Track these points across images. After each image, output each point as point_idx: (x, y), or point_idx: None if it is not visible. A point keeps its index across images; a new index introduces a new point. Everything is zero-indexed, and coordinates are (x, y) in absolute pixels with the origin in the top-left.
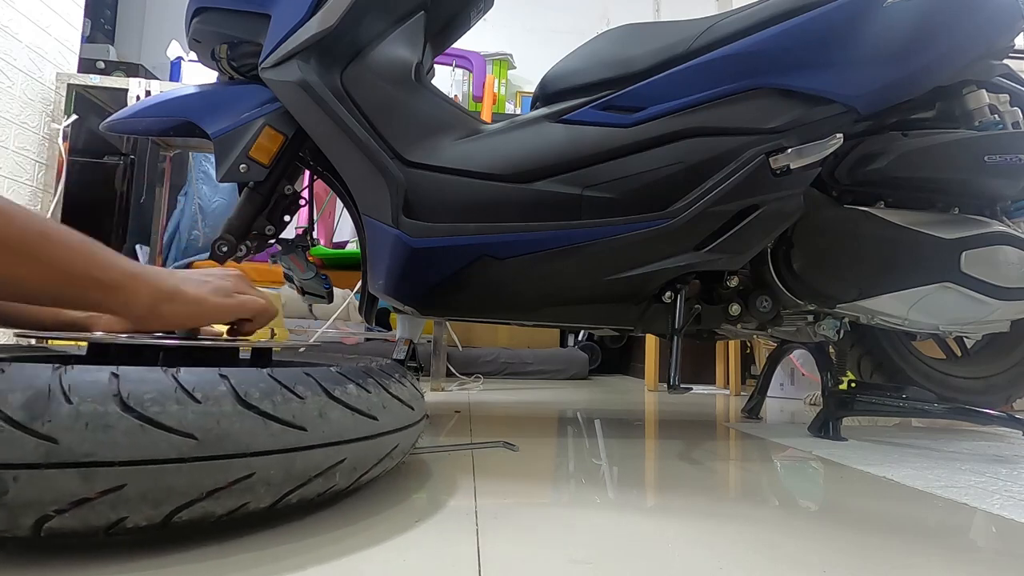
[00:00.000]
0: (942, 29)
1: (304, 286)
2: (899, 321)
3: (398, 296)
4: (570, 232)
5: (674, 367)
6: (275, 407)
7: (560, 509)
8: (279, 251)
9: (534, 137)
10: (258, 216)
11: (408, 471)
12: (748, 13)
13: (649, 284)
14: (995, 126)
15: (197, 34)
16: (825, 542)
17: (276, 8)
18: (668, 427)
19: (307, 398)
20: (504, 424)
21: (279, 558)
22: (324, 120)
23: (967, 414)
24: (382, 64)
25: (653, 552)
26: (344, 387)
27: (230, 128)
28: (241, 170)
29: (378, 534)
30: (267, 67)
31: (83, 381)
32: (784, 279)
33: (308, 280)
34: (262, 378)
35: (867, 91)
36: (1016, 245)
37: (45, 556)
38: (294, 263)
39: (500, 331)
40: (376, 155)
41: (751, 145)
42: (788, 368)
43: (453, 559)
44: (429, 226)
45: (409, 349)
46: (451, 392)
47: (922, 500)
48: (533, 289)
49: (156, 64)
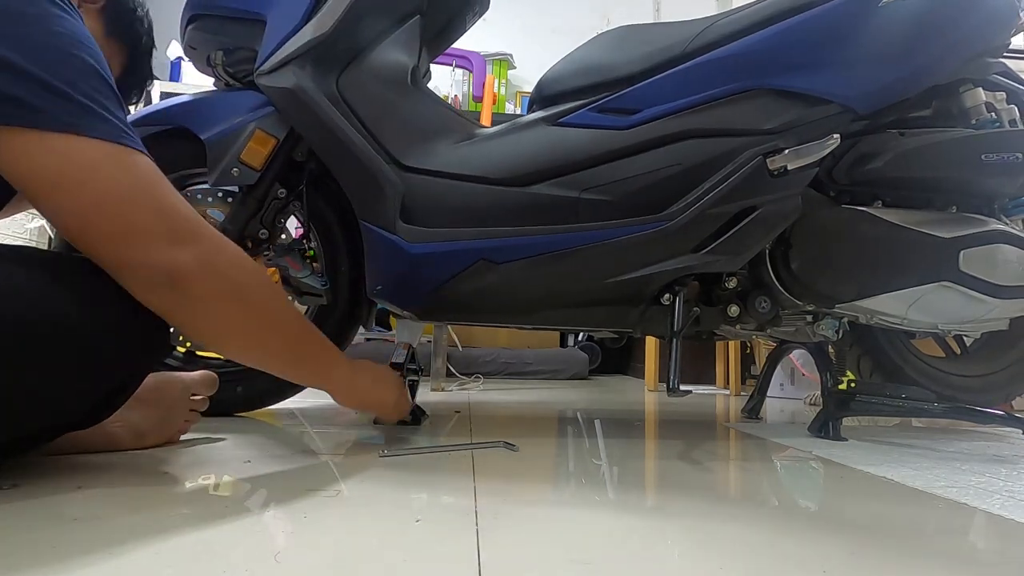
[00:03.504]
0: (938, 28)
1: (300, 286)
2: (898, 320)
3: (396, 301)
4: (568, 235)
5: (673, 370)
6: None
7: (560, 509)
8: (273, 255)
9: (531, 140)
10: (251, 220)
11: (408, 471)
12: (744, 14)
13: (648, 287)
14: (992, 124)
15: (192, 41)
16: (825, 542)
17: (271, 14)
18: (668, 427)
19: None
20: (504, 424)
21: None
22: (320, 126)
23: (967, 413)
24: (378, 69)
25: (653, 552)
26: None
27: (222, 133)
28: (233, 174)
29: (378, 534)
30: (263, 73)
31: None
32: (782, 280)
33: (304, 279)
34: None
35: (864, 91)
36: (1014, 243)
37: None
38: (289, 263)
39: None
40: (373, 160)
41: (748, 146)
42: (788, 368)
43: (453, 559)
44: (426, 231)
45: (408, 353)
46: (451, 392)
47: (922, 500)
48: (531, 293)
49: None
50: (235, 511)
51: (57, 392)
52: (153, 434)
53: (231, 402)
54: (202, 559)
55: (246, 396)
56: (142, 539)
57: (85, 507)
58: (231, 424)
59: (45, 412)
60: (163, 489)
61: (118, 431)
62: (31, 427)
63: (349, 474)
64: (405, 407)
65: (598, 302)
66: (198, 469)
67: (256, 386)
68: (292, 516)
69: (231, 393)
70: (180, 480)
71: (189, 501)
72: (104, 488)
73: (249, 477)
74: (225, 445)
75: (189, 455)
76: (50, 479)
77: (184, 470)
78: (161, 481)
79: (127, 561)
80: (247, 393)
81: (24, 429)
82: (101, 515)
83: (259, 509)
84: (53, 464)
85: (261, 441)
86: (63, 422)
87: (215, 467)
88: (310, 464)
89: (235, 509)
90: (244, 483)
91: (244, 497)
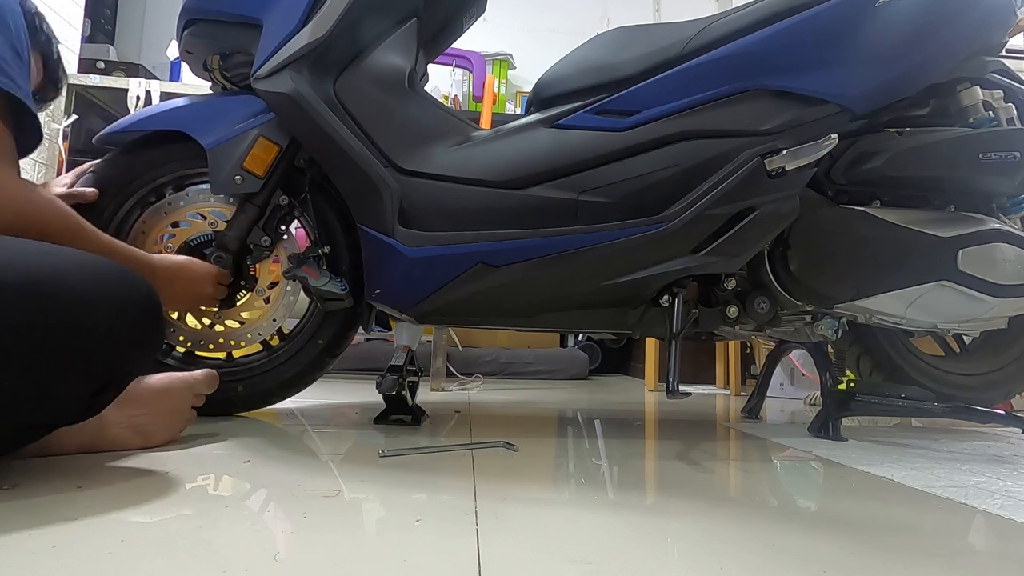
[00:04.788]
0: (935, 27)
1: (322, 293)
2: (897, 320)
3: (395, 305)
4: (566, 238)
5: (672, 371)
6: None
7: (560, 509)
8: (290, 267)
9: (528, 143)
10: (253, 228)
11: (408, 471)
12: (741, 15)
13: (646, 288)
14: (990, 123)
15: (189, 45)
16: (825, 542)
17: (268, 18)
18: (668, 427)
19: None
20: (504, 424)
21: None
22: (317, 130)
23: (967, 413)
24: (375, 72)
25: (653, 552)
26: None
27: (224, 140)
28: (236, 181)
29: (378, 534)
30: (259, 78)
31: None
32: (781, 280)
33: (324, 285)
34: None
35: (861, 91)
36: (1013, 242)
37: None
38: (307, 271)
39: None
40: (370, 164)
41: (746, 147)
42: (788, 368)
43: (453, 559)
44: (425, 235)
45: (407, 356)
46: (451, 392)
47: (922, 500)
48: (530, 295)
49: (156, 64)
50: (235, 511)
51: (45, 388)
52: (159, 434)
53: (232, 402)
54: (202, 559)
55: (247, 396)
56: (142, 539)
57: (85, 507)
58: (231, 424)
59: (32, 408)
60: (163, 489)
61: (124, 433)
62: (17, 422)
63: (349, 474)
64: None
65: (597, 304)
66: (198, 469)
67: (258, 386)
68: (292, 516)
69: (232, 393)
70: (180, 480)
71: (189, 501)
72: (104, 488)
73: (249, 477)
74: (225, 445)
75: (189, 455)
76: (50, 479)
77: (184, 470)
78: (161, 481)
79: (127, 561)
80: (248, 392)
81: (9, 424)
82: (101, 515)
83: (259, 509)
84: (53, 464)
85: (261, 441)
86: (51, 419)
87: (215, 467)
88: (310, 464)
89: (235, 509)
90: (244, 483)
91: (244, 497)
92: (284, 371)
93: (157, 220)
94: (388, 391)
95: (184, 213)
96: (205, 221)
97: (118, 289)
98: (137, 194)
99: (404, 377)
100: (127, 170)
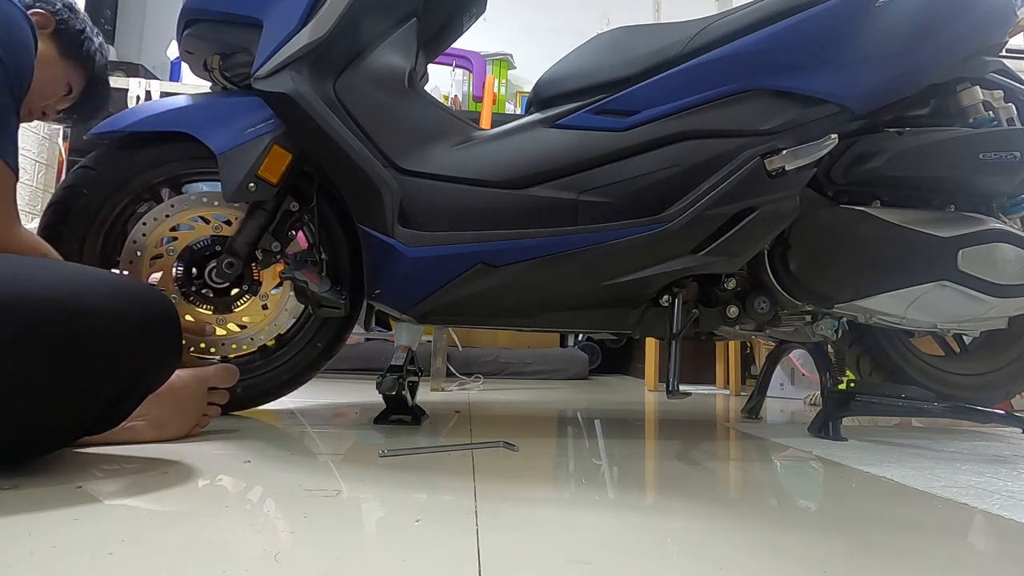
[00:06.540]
0: (935, 27)
1: (320, 300)
2: (897, 320)
3: (395, 305)
4: (566, 238)
5: (672, 372)
6: None
7: (560, 509)
8: (288, 267)
9: (528, 143)
10: (263, 233)
11: (408, 471)
12: (741, 15)
13: (647, 288)
14: (990, 123)
15: (189, 45)
16: (825, 542)
17: (268, 18)
18: (668, 427)
19: None
20: (504, 424)
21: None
22: (317, 131)
23: (967, 413)
24: (375, 72)
25: (653, 552)
26: None
27: (235, 145)
28: (250, 189)
29: (378, 534)
30: (259, 78)
31: None
32: (781, 280)
33: (324, 293)
34: None
35: (861, 91)
36: (1013, 242)
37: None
38: (308, 277)
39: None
40: (370, 164)
41: (746, 147)
42: (788, 368)
43: (453, 559)
44: (425, 235)
45: (407, 356)
46: (451, 392)
47: (922, 500)
48: (530, 295)
49: (156, 64)
50: (235, 511)
51: (68, 394)
52: (172, 426)
53: (231, 401)
54: (202, 559)
55: (245, 395)
56: (142, 539)
57: (85, 507)
58: (231, 424)
59: (57, 415)
60: (163, 489)
61: (138, 425)
62: (45, 428)
63: (349, 474)
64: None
65: (597, 304)
66: (198, 469)
67: (256, 385)
68: (292, 516)
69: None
70: (180, 480)
71: (189, 501)
72: (104, 488)
73: (249, 477)
74: (225, 445)
75: (190, 455)
76: (50, 479)
77: (184, 470)
78: (161, 481)
79: (127, 561)
80: (247, 392)
81: (31, 430)
82: (101, 515)
83: (259, 509)
84: (53, 464)
85: (261, 441)
86: (74, 425)
87: (215, 467)
88: (310, 464)
89: (235, 509)
90: (244, 483)
91: (244, 497)
92: (282, 373)
93: (157, 223)
94: (388, 391)
95: (186, 216)
96: (209, 225)
97: (139, 303)
98: (133, 193)
99: (404, 377)
100: (125, 168)
